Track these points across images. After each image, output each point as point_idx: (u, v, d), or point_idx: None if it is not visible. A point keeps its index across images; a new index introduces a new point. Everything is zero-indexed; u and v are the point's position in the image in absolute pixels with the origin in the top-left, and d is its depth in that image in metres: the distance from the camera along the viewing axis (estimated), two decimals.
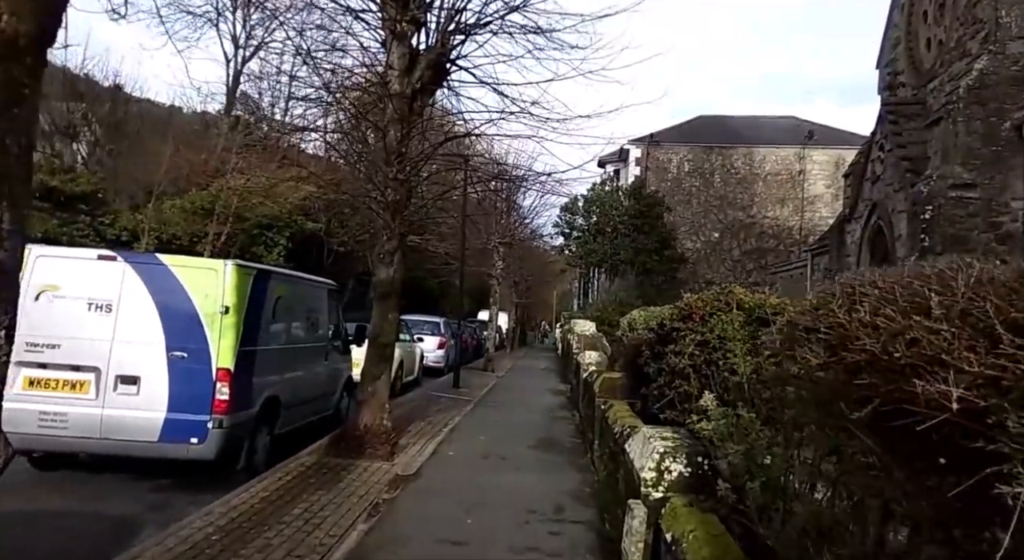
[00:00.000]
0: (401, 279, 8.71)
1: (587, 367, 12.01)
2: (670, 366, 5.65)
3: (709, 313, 5.34)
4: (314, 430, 8.84)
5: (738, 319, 5.10)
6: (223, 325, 6.36)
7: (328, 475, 7.16)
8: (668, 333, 6.07)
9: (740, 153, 35.29)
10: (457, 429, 10.45)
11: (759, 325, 5.16)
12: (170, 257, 6.64)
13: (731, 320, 5.06)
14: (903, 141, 15.69)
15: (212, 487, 6.52)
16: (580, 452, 8.96)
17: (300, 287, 8.43)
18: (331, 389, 9.42)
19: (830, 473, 2.93)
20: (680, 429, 4.84)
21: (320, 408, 9.13)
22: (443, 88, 9.19)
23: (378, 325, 8.52)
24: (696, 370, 5.42)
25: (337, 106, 8.44)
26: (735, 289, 5.78)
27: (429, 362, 19.31)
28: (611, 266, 30.33)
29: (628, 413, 7.04)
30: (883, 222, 16.44)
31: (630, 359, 8.59)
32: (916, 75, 17.06)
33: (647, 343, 7.30)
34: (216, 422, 6.27)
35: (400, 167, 8.41)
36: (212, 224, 23.64)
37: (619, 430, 6.37)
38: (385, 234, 8.60)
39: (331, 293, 9.41)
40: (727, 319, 5.11)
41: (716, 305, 5.43)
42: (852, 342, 2.20)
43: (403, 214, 8.58)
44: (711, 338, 5.32)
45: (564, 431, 10.70)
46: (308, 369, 8.49)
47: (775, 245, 34.91)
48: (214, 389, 6.29)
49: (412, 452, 8.57)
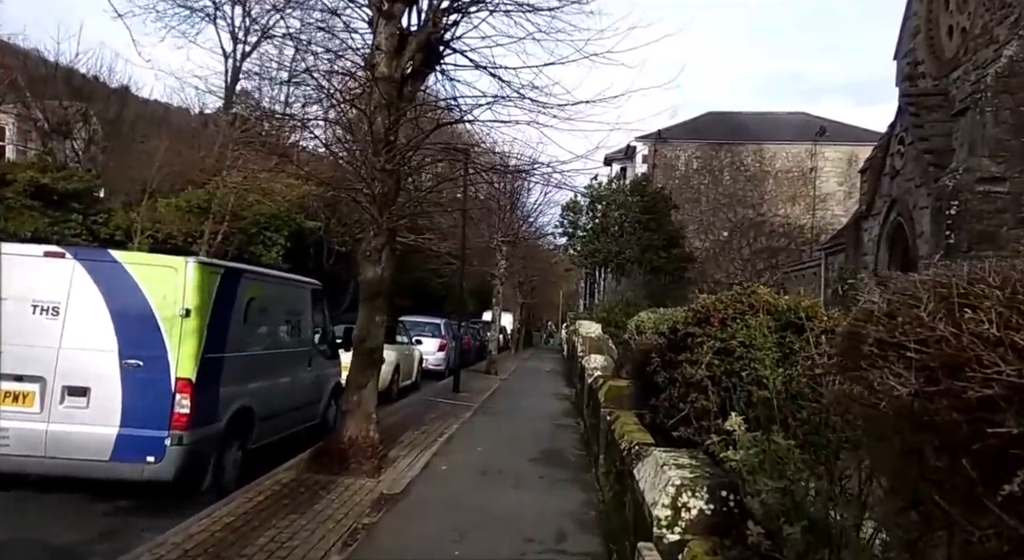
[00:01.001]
0: (390, 278, 8.04)
1: (592, 372, 11.31)
2: (684, 377, 4.96)
3: (731, 317, 4.63)
4: (300, 441, 8.19)
5: (766, 324, 4.40)
6: (184, 330, 5.70)
7: (305, 495, 6.49)
8: (681, 339, 5.37)
9: (750, 150, 34.49)
10: (453, 439, 9.77)
11: (790, 331, 4.47)
12: (125, 254, 5.97)
13: (758, 325, 4.35)
14: (925, 133, 14.91)
15: (174, 510, 5.86)
16: (584, 466, 8.26)
17: (278, 287, 7.76)
18: (316, 397, 8.75)
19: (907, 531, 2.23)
20: (698, 453, 4.14)
21: (304, 418, 8.46)
22: (436, 72, 8.53)
23: (364, 328, 7.84)
24: (715, 382, 4.72)
25: (319, 92, 7.79)
26: (758, 289, 5.07)
27: (429, 365, 18.64)
28: (617, 265, 29.59)
29: (636, 427, 6.34)
30: (903, 219, 15.66)
31: (638, 366, 7.89)
32: (937, 65, 16.28)
33: (657, 349, 6.60)
34: (175, 438, 5.61)
35: (388, 157, 7.73)
36: (208, 223, 23.12)
37: (626, 446, 5.68)
38: (372, 229, 7.93)
39: (315, 293, 8.74)
40: (753, 324, 4.41)
41: (738, 307, 4.73)
42: (971, 366, 1.50)
43: (392, 208, 7.91)
44: (733, 346, 4.62)
45: (568, 441, 10.00)
46: (288, 376, 7.82)
47: (786, 244, 34.10)
48: (173, 401, 5.62)
49: (401, 466, 7.89)
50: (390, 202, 7.88)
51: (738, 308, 4.70)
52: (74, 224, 20.12)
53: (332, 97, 7.73)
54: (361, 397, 7.77)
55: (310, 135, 8.05)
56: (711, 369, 4.72)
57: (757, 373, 4.39)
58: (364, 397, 7.78)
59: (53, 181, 20.16)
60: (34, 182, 19.02)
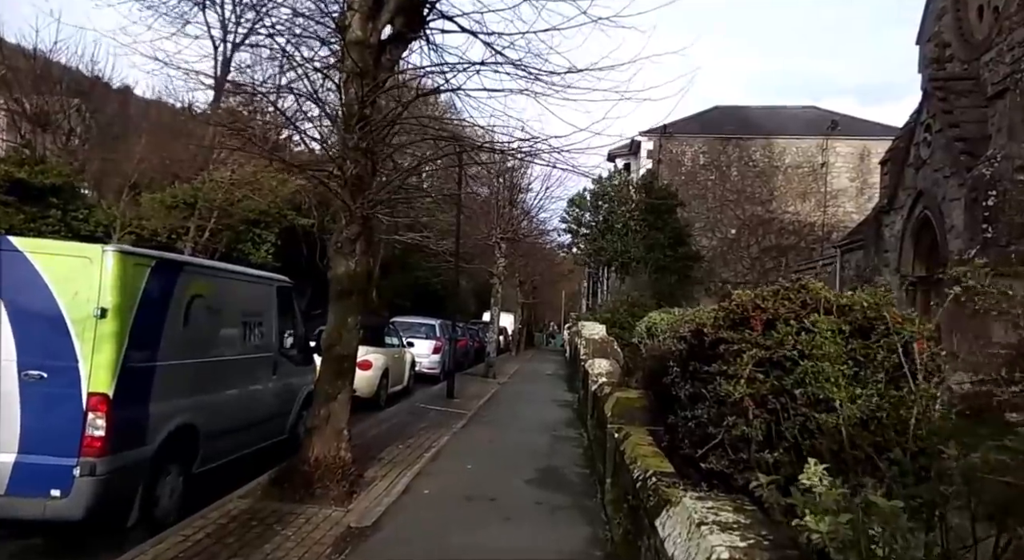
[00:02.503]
0: (365, 273, 7.01)
1: (596, 379, 10.26)
2: (716, 394, 3.90)
3: (781, 318, 3.57)
4: (268, 459, 7.16)
5: (836, 327, 3.34)
6: (99, 334, 4.66)
7: (256, 530, 5.44)
8: (711, 346, 4.31)
9: (759, 145, 33.34)
10: (441, 454, 8.72)
11: (862, 337, 3.41)
12: (28, 241, 4.92)
13: (821, 330, 3.29)
14: (955, 120, 13.82)
15: (91, 550, 4.84)
16: (588, 489, 7.20)
17: (232, 284, 6.69)
18: (283, 409, 7.70)
19: None
20: (743, 502, 3.09)
21: (268, 433, 7.42)
22: (420, 39, 7.47)
23: (334, 332, 6.80)
24: (759, 403, 3.67)
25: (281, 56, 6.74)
26: (810, 283, 4.01)
27: (423, 369, 17.60)
28: (621, 264, 28.50)
29: (651, 450, 5.28)
30: (931, 212, 14.56)
31: (651, 375, 6.83)
32: (967, 48, 15.17)
33: (676, 357, 5.53)
34: (86, 467, 4.57)
35: (363, 133, 6.69)
36: (194, 219, 22.14)
37: (640, 475, 4.63)
38: (344, 217, 6.89)
39: (283, 291, 7.69)
40: (813, 327, 3.34)
41: (789, 307, 3.67)
42: None
43: (367, 193, 6.87)
44: (785, 355, 3.56)
45: (569, 457, 8.94)
46: (245, 386, 6.78)
47: (796, 242, 32.95)
48: (84, 422, 4.58)
49: (377, 491, 6.84)
50: (365, 186, 6.84)
51: (789, 307, 3.64)
52: (52, 220, 19.14)
53: (291, 60, 6.68)
54: (330, 411, 6.72)
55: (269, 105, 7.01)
56: (754, 385, 3.66)
57: (820, 391, 3.34)
58: (334, 411, 6.74)
59: (30, 175, 19.16)
60: (9, 176, 18.06)
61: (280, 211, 23.20)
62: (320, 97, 6.90)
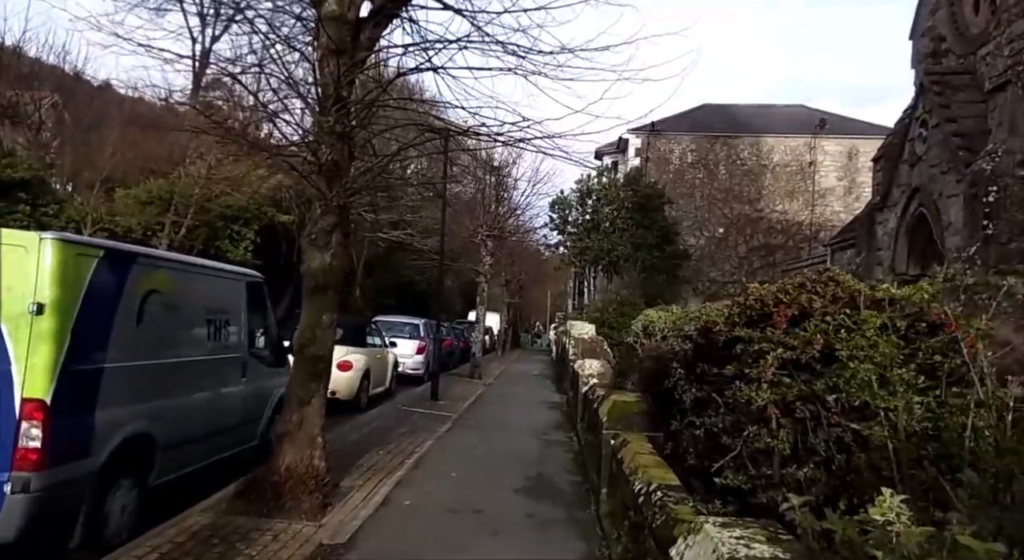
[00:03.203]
0: (342, 267, 6.49)
1: (587, 380, 9.81)
2: (735, 400, 3.45)
3: (818, 312, 3.11)
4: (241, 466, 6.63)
5: (874, 323, 2.88)
6: (35, 332, 4.12)
7: (217, 549, 4.91)
8: (724, 346, 3.86)
9: (747, 143, 33.08)
10: (424, 461, 8.22)
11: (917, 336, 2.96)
12: None
13: (867, 326, 2.83)
14: (952, 114, 13.51)
15: None
16: (581, 499, 6.74)
17: (194, 278, 6.14)
18: (254, 414, 7.15)
19: None
20: (778, 529, 2.63)
21: (237, 440, 6.88)
22: (402, 16, 6.96)
23: (308, 331, 6.28)
24: (785, 411, 3.22)
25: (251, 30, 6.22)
26: (839, 275, 3.57)
27: (407, 369, 17.07)
28: (609, 263, 28.06)
29: (653, 459, 4.82)
30: (927, 209, 14.26)
31: (650, 377, 6.38)
32: (962, 42, 14.88)
33: (680, 358, 5.09)
34: (19, 483, 4.03)
35: (339, 116, 6.18)
36: (169, 215, 21.45)
37: (642, 488, 4.18)
38: (319, 206, 6.37)
39: (253, 287, 7.14)
40: (855, 324, 2.89)
41: (818, 302, 3.21)
42: None
43: (344, 181, 6.36)
44: (814, 356, 3.11)
45: (560, 463, 8.48)
46: (211, 390, 6.24)
47: (784, 241, 32.74)
48: (16, 432, 4.05)
49: (354, 502, 6.33)
50: (342, 173, 6.32)
51: (819, 302, 3.18)
52: (21, 215, 18.42)
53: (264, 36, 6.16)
54: (303, 416, 6.20)
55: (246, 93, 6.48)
56: (779, 391, 3.21)
57: (858, 398, 2.88)
58: (307, 416, 6.22)
59: None
60: None
61: (260, 207, 22.56)
62: (293, 78, 6.39)
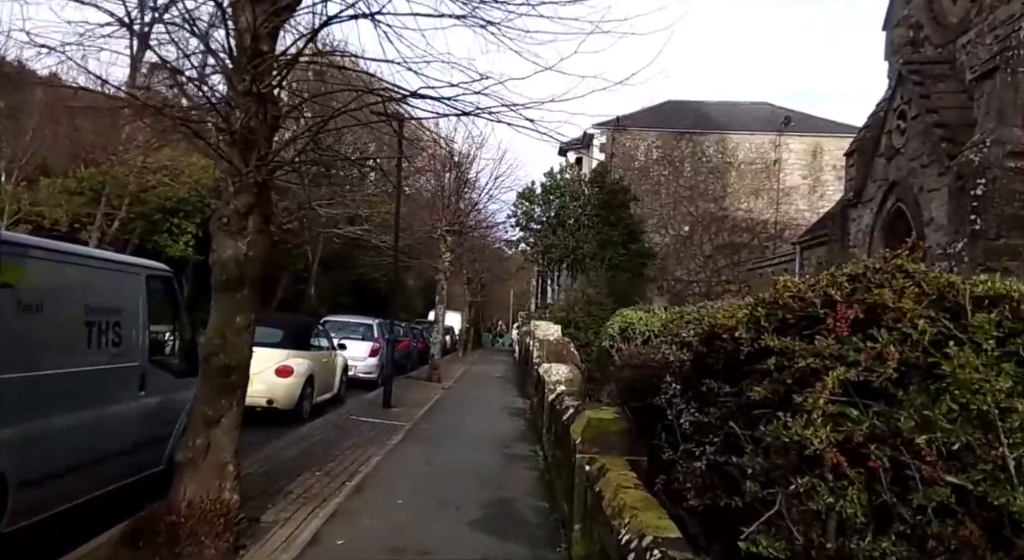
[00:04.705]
0: (261, 258, 5.35)
1: (554, 387, 8.82)
2: (773, 439, 2.46)
3: (909, 315, 2.14)
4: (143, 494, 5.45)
5: (989, 332, 1.92)
6: None
7: None
8: (748, 359, 2.88)
9: (712, 140, 32.58)
10: (368, 483, 7.12)
11: None
12: None
13: (975, 336, 1.86)
14: (933, 105, 12.91)
15: None
16: (549, 533, 5.72)
17: (63, 270, 4.91)
18: (157, 433, 5.94)
19: None
20: None
21: (134, 466, 5.70)
22: None
23: (216, 335, 5.13)
24: (852, 458, 2.24)
25: None
26: (908, 264, 2.62)
27: (359, 374, 15.87)
28: (574, 261, 27.20)
29: (640, 498, 3.83)
30: (906, 205, 13.66)
31: (630, 388, 5.40)
32: (941, 31, 14.33)
33: (675, 371, 4.11)
34: None
35: (256, 73, 5.06)
36: (101, 207, 19.83)
37: (632, 540, 3.28)
38: (232, 184, 5.23)
39: (155, 281, 5.95)
40: (960, 332, 1.92)
41: (908, 302, 2.24)
42: None
43: (263, 152, 5.23)
44: (889, 377, 2.14)
45: (523, 484, 7.46)
46: (94, 408, 5.05)
47: (749, 240, 32.33)
48: None
49: (274, 543, 5.20)
50: (259, 144, 5.20)
51: (908, 302, 2.21)
52: None
53: None
54: (210, 440, 5.06)
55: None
56: (842, 427, 2.23)
57: (958, 441, 1.91)
58: (216, 440, 5.08)
59: None
60: None
61: (202, 199, 21.09)
62: (198, 26, 5.24)
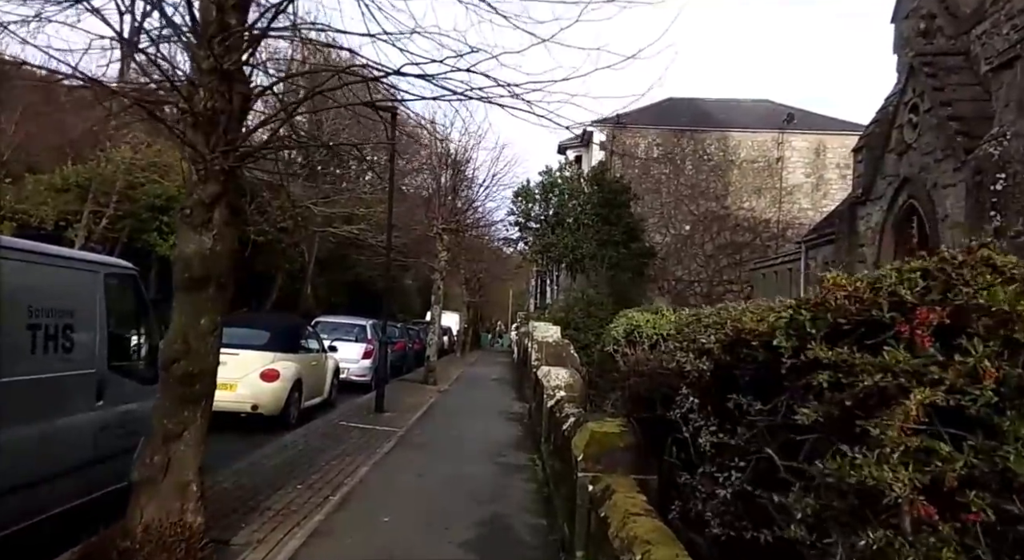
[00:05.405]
0: (229, 254, 4.84)
1: (553, 392, 8.30)
2: (837, 480, 1.94)
3: (998, 319, 1.63)
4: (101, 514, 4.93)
5: None
6: None
7: None
8: (792, 372, 2.37)
9: (713, 138, 32.07)
10: (352, 498, 6.61)
11: None
12: None
13: None
14: (947, 98, 12.42)
15: None
16: (548, 557, 5.21)
17: (9, 267, 4.40)
18: (118, 446, 5.41)
19: None
20: None
21: (90, 484, 5.17)
22: None
23: (178, 339, 4.61)
24: (943, 507, 1.72)
25: None
26: (996, 256, 2.10)
27: (351, 376, 15.37)
28: (573, 260, 26.69)
29: (653, 528, 3.30)
30: (918, 201, 13.17)
31: (638, 398, 4.89)
32: (953, 22, 13.84)
33: (692, 382, 3.59)
34: None
35: (223, 48, 4.55)
36: (88, 204, 19.32)
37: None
38: (196, 172, 4.71)
39: (117, 280, 5.43)
40: None
41: (1013, 303, 1.73)
42: None
43: (231, 136, 4.72)
44: (988, 401, 1.63)
45: (519, 499, 6.94)
46: (35, 422, 4.52)
47: (751, 239, 31.82)
48: None
49: None
50: (227, 127, 4.69)
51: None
52: None
53: None
54: (171, 456, 4.54)
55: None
56: (928, 466, 1.72)
57: None
58: (177, 456, 4.56)
59: None
60: None
61: None
62: None
